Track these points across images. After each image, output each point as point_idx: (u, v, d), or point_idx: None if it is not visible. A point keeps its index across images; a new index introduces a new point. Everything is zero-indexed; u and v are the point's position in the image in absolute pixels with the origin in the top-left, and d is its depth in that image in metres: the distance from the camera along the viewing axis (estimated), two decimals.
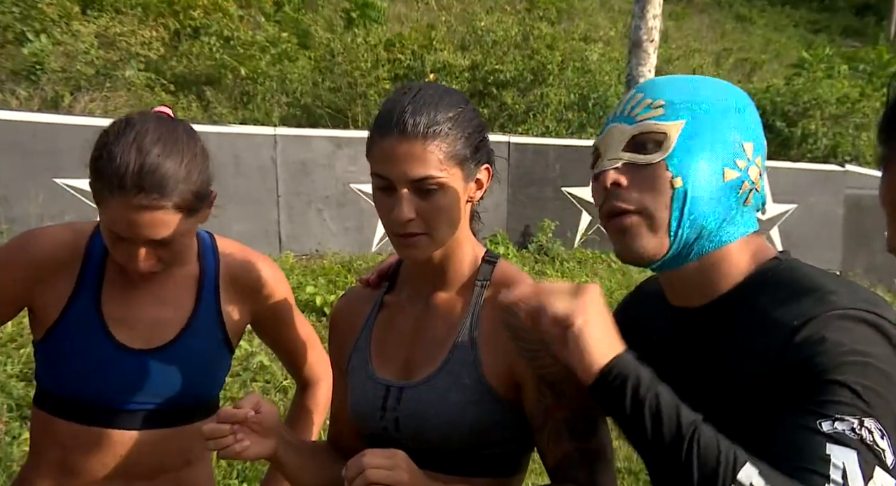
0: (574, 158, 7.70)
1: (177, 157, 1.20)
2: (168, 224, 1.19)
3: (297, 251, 6.42)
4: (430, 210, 1.10)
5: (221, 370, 1.38)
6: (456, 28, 11.69)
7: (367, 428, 1.19)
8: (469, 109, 1.15)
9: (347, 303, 1.32)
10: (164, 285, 1.33)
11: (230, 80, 9.31)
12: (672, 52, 12.76)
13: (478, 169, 1.16)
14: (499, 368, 1.11)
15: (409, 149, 1.08)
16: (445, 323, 1.16)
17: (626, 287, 6.45)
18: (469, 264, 1.20)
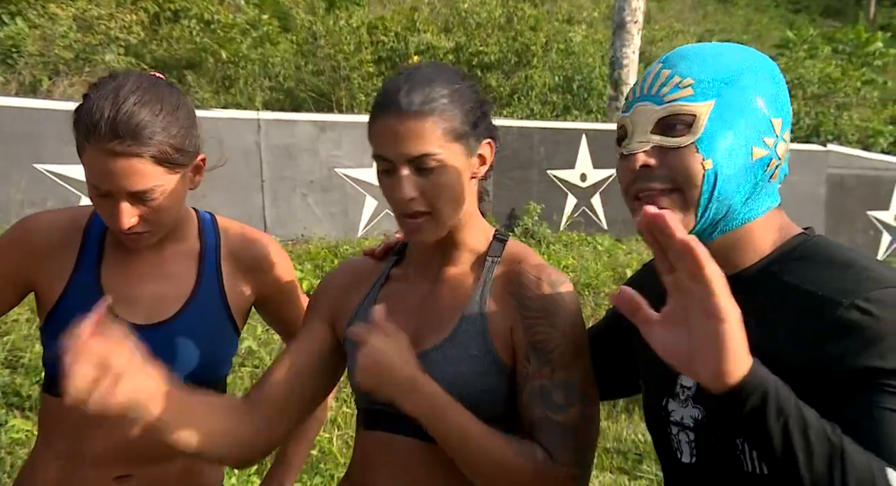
0: (559, 140, 7.70)
1: (155, 106, 1.18)
2: (145, 175, 1.17)
3: (282, 236, 6.39)
4: (431, 188, 1.10)
5: (227, 349, 1.36)
6: (439, 10, 11.61)
7: (370, 400, 1.16)
8: (467, 85, 1.15)
9: (347, 272, 1.30)
10: (165, 261, 1.31)
11: (211, 63, 9.21)
12: (655, 33, 12.75)
13: (479, 144, 1.16)
14: (504, 337, 1.12)
15: (405, 127, 1.08)
16: (455, 296, 1.17)
17: (612, 269, 6.48)
18: (480, 240, 1.20)
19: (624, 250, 7.41)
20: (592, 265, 6.54)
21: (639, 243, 7.79)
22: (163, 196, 1.21)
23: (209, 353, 1.31)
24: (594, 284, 6.06)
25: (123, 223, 1.18)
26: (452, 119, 1.10)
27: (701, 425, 1.01)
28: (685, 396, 1.04)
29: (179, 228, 1.33)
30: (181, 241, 1.34)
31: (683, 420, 1.04)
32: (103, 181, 1.17)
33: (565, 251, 7.10)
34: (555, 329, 1.10)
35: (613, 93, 8.98)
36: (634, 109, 1.03)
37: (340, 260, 5.91)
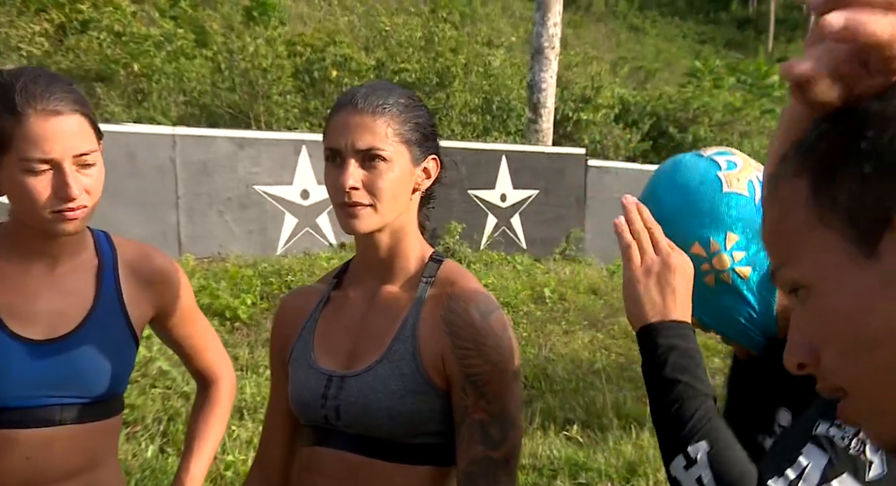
0: (479, 161, 7.82)
1: (61, 78, 1.22)
2: (84, 134, 1.18)
3: (197, 254, 6.22)
4: (375, 181, 1.14)
5: (127, 364, 1.33)
6: (360, 29, 11.65)
7: (309, 416, 1.21)
8: (421, 105, 1.22)
9: (293, 300, 1.34)
10: (61, 276, 1.27)
11: (123, 76, 8.92)
12: (571, 58, 13.17)
13: (425, 157, 1.20)
14: (436, 360, 1.15)
15: (359, 120, 1.14)
16: (389, 316, 1.19)
17: (531, 288, 6.61)
18: (416, 260, 1.23)
19: (542, 269, 7.56)
20: (512, 284, 6.64)
21: (556, 263, 7.98)
22: (97, 167, 1.21)
23: (111, 368, 1.28)
24: (513, 303, 6.16)
25: (74, 192, 1.16)
26: (403, 124, 1.16)
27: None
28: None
29: (77, 243, 1.30)
30: (77, 255, 1.30)
31: None
32: (47, 147, 1.14)
33: (485, 270, 7.18)
34: (486, 361, 1.13)
35: (532, 115, 9.21)
36: None
37: (259, 278, 5.79)
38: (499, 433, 1.12)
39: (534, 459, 3.92)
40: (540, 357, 5.12)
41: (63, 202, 1.17)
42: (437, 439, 1.16)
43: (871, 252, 0.49)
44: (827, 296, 0.52)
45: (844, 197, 0.50)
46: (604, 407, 4.30)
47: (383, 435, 1.15)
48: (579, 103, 11.40)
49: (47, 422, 1.22)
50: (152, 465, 3.28)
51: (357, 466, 1.16)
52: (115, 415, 1.32)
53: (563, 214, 8.32)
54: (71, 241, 1.27)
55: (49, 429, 1.22)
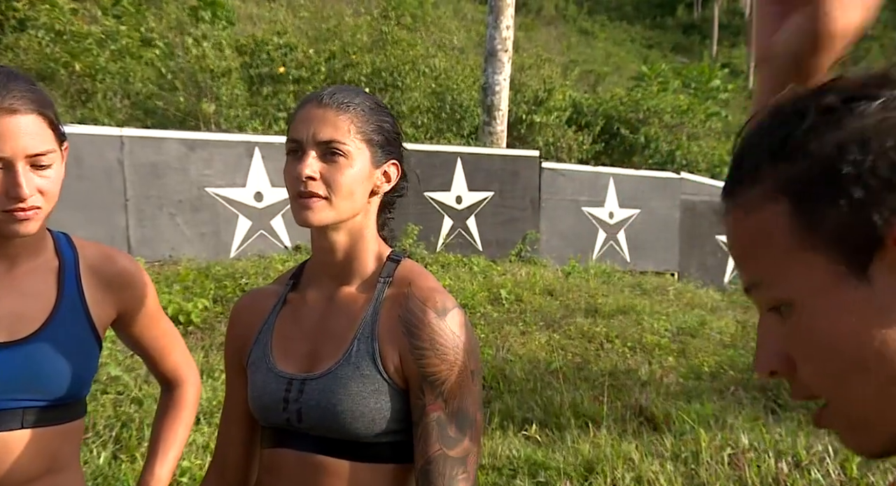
0: (435, 163, 7.83)
1: (21, 76, 1.20)
2: (43, 136, 1.17)
3: (148, 257, 6.07)
4: (333, 174, 1.14)
5: (91, 365, 1.31)
6: (308, 30, 11.54)
7: (270, 420, 1.21)
8: (387, 111, 1.23)
9: (249, 302, 1.32)
10: (21, 277, 1.25)
11: (65, 76, 8.65)
12: (524, 60, 13.29)
13: (386, 160, 1.20)
14: (393, 360, 1.15)
15: (322, 114, 1.15)
16: (348, 317, 1.19)
17: (488, 290, 6.64)
18: (373, 260, 1.22)
19: (498, 271, 7.61)
20: (469, 286, 6.67)
21: (512, 265, 8.04)
22: (55, 167, 1.19)
23: (73, 371, 1.26)
24: (470, 304, 6.18)
25: (24, 192, 1.14)
26: (366, 124, 1.17)
27: None
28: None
29: (36, 245, 1.27)
30: (37, 256, 1.27)
31: None
32: (3, 145, 1.13)
33: (442, 272, 7.19)
34: (443, 361, 1.13)
35: (487, 118, 9.26)
36: None
37: (212, 282, 5.68)
38: (455, 431, 1.13)
39: (493, 459, 3.94)
40: (497, 358, 5.15)
41: (13, 202, 1.15)
42: (400, 437, 1.16)
43: (861, 275, 0.50)
44: (815, 316, 0.53)
45: (831, 221, 0.51)
46: (561, 407, 4.35)
47: (345, 436, 1.15)
48: (532, 106, 11.51)
49: (8, 425, 1.19)
50: (104, 472, 3.20)
51: (320, 466, 1.16)
52: (77, 419, 1.30)
53: (519, 216, 8.39)
54: (29, 242, 1.24)
55: (10, 432, 1.20)
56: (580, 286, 7.35)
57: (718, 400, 4.63)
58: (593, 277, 7.94)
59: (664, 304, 7.12)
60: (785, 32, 0.66)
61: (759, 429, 3.90)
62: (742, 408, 4.46)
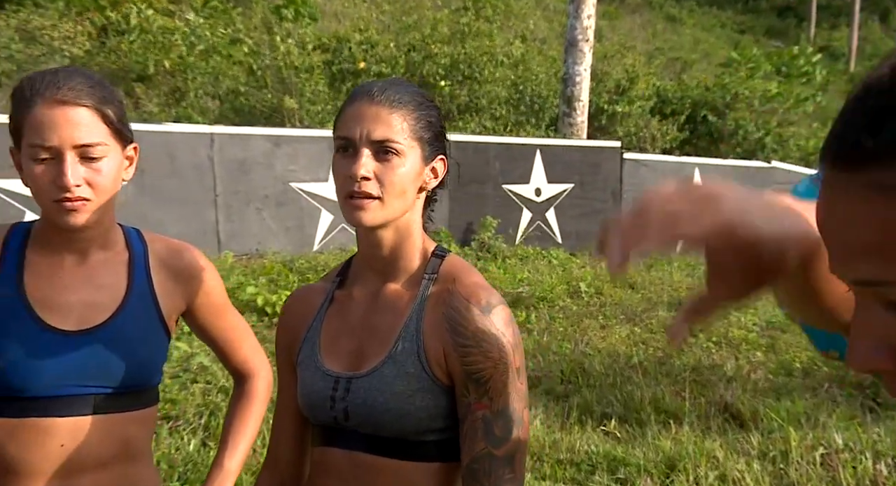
0: (513, 155, 7.79)
1: (92, 77, 1.24)
2: (90, 127, 1.20)
3: (236, 251, 6.31)
4: (387, 173, 1.13)
5: (160, 355, 1.35)
6: (391, 23, 11.67)
7: (318, 418, 1.22)
8: (433, 105, 1.21)
9: (298, 299, 1.33)
10: (93, 269, 1.30)
11: (160, 77, 9.07)
12: (606, 49, 13.04)
13: (434, 157, 1.20)
14: (437, 358, 1.15)
15: (375, 111, 1.13)
16: (393, 315, 1.19)
17: (567, 283, 6.57)
18: (418, 257, 1.22)
19: (578, 263, 7.51)
20: (547, 279, 6.61)
21: (592, 257, 7.92)
22: (106, 161, 1.22)
23: (143, 359, 1.31)
24: (549, 297, 6.13)
25: (69, 181, 1.17)
26: (417, 121, 1.15)
27: None
28: None
29: (106, 236, 1.32)
30: (108, 249, 1.32)
31: None
32: (49, 135, 1.17)
33: (521, 265, 7.16)
34: (487, 358, 1.12)
35: (567, 109, 9.14)
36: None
37: (296, 275, 5.85)
38: (501, 430, 1.11)
39: (571, 453, 3.90)
40: (576, 352, 5.09)
41: (60, 191, 1.18)
42: (447, 435, 1.16)
43: None
44: None
45: None
46: (641, 402, 4.26)
47: (392, 434, 1.15)
48: (614, 95, 11.27)
49: (80, 411, 1.24)
50: (194, 458, 3.33)
51: (368, 465, 1.16)
52: (149, 406, 1.34)
53: (599, 207, 8.26)
54: (97, 235, 1.29)
55: (83, 418, 1.24)
56: (663, 279, 7.17)
57: (811, 398, 4.43)
58: (677, 269, 7.73)
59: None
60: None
61: (856, 428, 3.72)
62: (836, 406, 4.25)
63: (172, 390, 3.87)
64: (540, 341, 5.26)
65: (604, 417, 4.18)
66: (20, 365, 1.21)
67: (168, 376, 4.03)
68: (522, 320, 5.55)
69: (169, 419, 3.66)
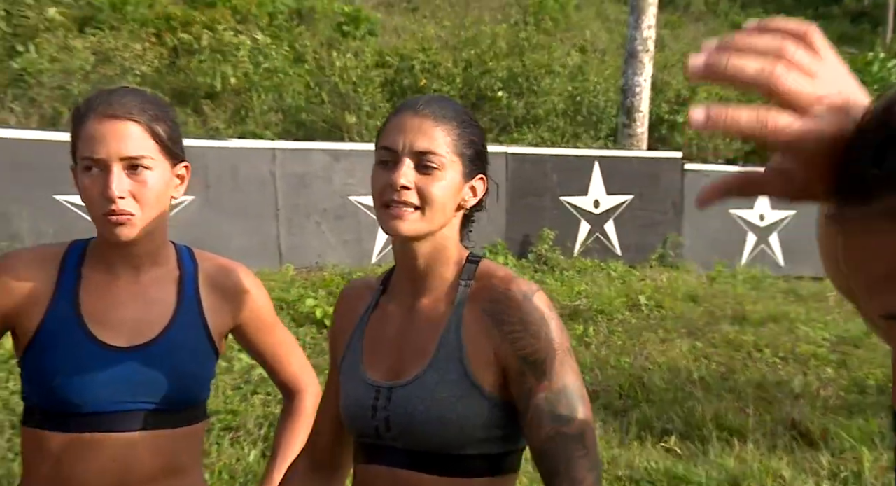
0: (571, 167, 7.73)
1: (146, 95, 1.29)
2: (137, 140, 1.23)
3: (296, 264, 6.44)
4: (427, 185, 1.13)
5: (207, 372, 1.38)
6: (449, 38, 11.76)
7: (359, 429, 1.21)
8: (477, 124, 1.22)
9: (352, 292, 1.35)
10: (144, 286, 1.33)
11: (227, 94, 9.36)
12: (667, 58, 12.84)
13: (474, 176, 1.20)
14: (483, 360, 1.13)
15: (420, 124, 1.14)
16: (431, 324, 1.19)
17: (626, 295, 6.46)
18: (454, 266, 1.22)
19: (637, 276, 7.38)
20: (606, 291, 6.52)
21: (653, 270, 7.77)
22: (152, 175, 1.25)
23: (190, 375, 1.33)
24: (607, 310, 6.04)
25: (113, 191, 1.20)
26: (460, 137, 1.16)
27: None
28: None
29: (158, 254, 1.35)
30: (160, 266, 1.35)
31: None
32: (98, 147, 1.21)
33: (578, 278, 7.08)
34: (538, 339, 1.11)
35: (626, 120, 9.03)
36: None
37: None
38: (566, 408, 1.09)
39: (630, 470, 3.83)
40: (635, 366, 5.00)
41: (107, 203, 1.22)
42: (490, 448, 1.14)
43: None
44: None
45: None
46: (703, 418, 4.15)
47: (433, 447, 1.13)
48: (675, 105, 11.07)
49: (129, 426, 1.27)
50: (254, 469, 3.39)
51: (411, 482, 1.15)
52: (197, 422, 1.36)
53: (659, 219, 8.11)
54: (150, 252, 1.32)
55: (133, 433, 1.27)
56: (726, 292, 6.98)
57: (886, 416, 4.23)
58: (741, 282, 7.51)
59: (822, 311, 6.59)
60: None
61: None
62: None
63: (233, 401, 3.95)
64: (598, 354, 5.18)
65: (664, 433, 4.09)
66: (75, 381, 1.24)
67: (230, 387, 4.12)
68: (580, 334, 5.48)
69: (230, 429, 3.73)
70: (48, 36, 8.41)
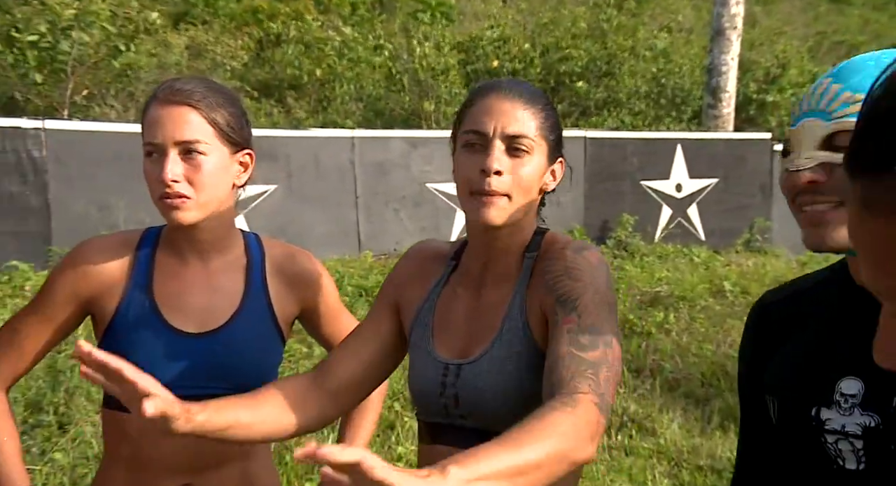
0: (652, 150, 7.55)
1: (210, 84, 1.31)
2: (193, 125, 1.25)
3: (375, 251, 6.56)
4: (518, 170, 1.11)
5: (274, 358, 1.41)
6: (527, 22, 11.63)
7: (428, 406, 1.20)
8: (554, 108, 1.20)
9: (416, 261, 1.31)
10: (214, 273, 1.36)
11: (311, 85, 9.58)
12: (756, 36, 12.30)
13: (555, 159, 1.18)
14: (539, 318, 1.11)
15: (510, 108, 1.11)
16: (498, 301, 1.17)
17: (709, 282, 6.27)
18: (523, 242, 1.20)
19: (722, 261, 7.15)
20: (688, 277, 6.35)
21: (738, 255, 7.51)
22: (206, 159, 1.26)
23: (257, 361, 1.36)
24: (689, 296, 5.89)
25: (167, 174, 1.24)
26: (545, 121, 1.14)
27: (874, 432, 0.98)
28: (849, 404, 1.01)
29: (225, 241, 1.38)
30: (228, 253, 1.38)
31: (846, 428, 1.01)
32: (156, 131, 1.25)
33: (659, 263, 6.93)
34: (577, 281, 1.08)
35: (711, 101, 8.74)
36: (801, 124, 1.00)
37: None
38: (587, 340, 1.03)
39: (712, 460, 3.75)
40: (718, 354, 4.86)
41: (162, 187, 1.25)
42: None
43: None
44: None
45: None
46: None
47: (504, 424, 1.06)
48: (763, 85, 10.62)
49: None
50: None
51: None
52: None
53: (746, 203, 7.83)
54: (216, 238, 1.35)
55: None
56: None
57: None
58: None
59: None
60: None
61: None
62: None
63: None
64: (679, 341, 5.07)
65: None
66: (149, 365, 1.26)
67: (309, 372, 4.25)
68: (660, 320, 5.37)
69: None
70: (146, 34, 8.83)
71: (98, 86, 8.25)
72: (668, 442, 3.75)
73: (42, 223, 5.50)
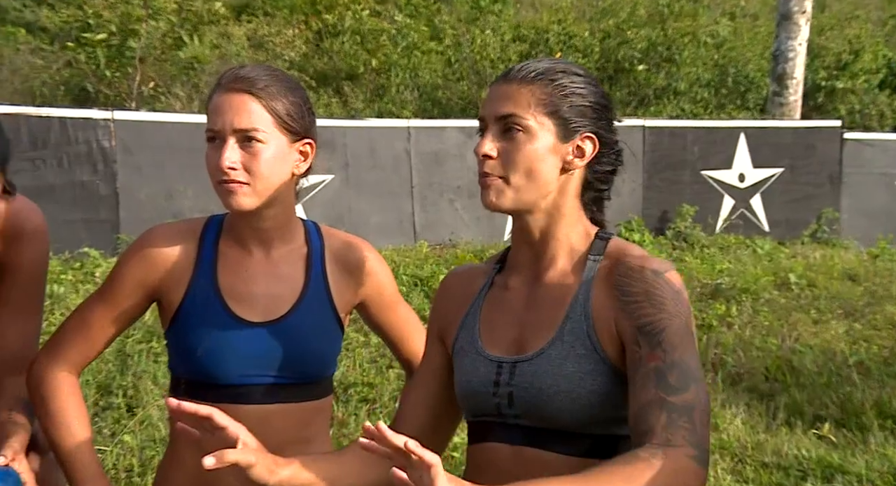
0: (714, 139, 7.36)
1: (274, 72, 1.31)
2: (251, 113, 1.25)
3: (430, 241, 6.56)
4: (509, 151, 1.08)
5: (333, 347, 1.42)
6: (586, 9, 11.45)
7: (479, 407, 1.15)
8: (585, 81, 1.13)
9: (458, 278, 1.30)
10: (276, 262, 1.37)
11: (367, 75, 9.64)
12: (826, 21, 11.84)
13: (579, 135, 1.11)
14: (609, 333, 1.07)
15: (505, 89, 1.10)
16: (557, 297, 1.13)
17: (774, 274, 6.10)
18: (578, 238, 1.16)
19: (787, 253, 6.94)
20: (751, 269, 6.18)
21: (805, 247, 7.27)
22: (263, 147, 1.27)
23: (318, 350, 1.37)
24: (752, 289, 5.72)
25: (224, 161, 1.25)
26: (551, 95, 1.09)
27: None
28: None
29: (286, 230, 1.38)
30: (289, 243, 1.38)
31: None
32: (216, 119, 1.27)
33: (721, 255, 6.76)
34: (660, 310, 1.04)
35: (777, 88, 8.46)
36: None
37: None
38: (677, 380, 0.99)
39: (778, 457, 3.65)
40: (783, 348, 4.72)
41: (219, 173, 1.26)
42: (617, 429, 1.07)
43: None
44: None
45: None
46: (863, 405, 3.88)
47: (559, 424, 1.07)
48: (833, 71, 10.21)
49: (265, 399, 1.32)
50: None
51: (532, 460, 1.08)
52: (325, 396, 1.41)
53: (814, 193, 7.58)
54: (277, 227, 1.36)
55: (265, 406, 1.32)
56: (891, 270, 6.43)
57: None
58: None
59: None
60: None
61: None
62: None
63: (370, 374, 4.10)
64: (742, 335, 4.94)
65: (816, 419, 3.86)
66: (215, 354, 1.31)
67: (366, 360, 4.29)
68: (722, 313, 5.24)
69: (366, 401, 3.86)
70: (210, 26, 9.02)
71: (164, 77, 8.48)
72: (730, 438, 3.66)
73: (111, 211, 5.69)
